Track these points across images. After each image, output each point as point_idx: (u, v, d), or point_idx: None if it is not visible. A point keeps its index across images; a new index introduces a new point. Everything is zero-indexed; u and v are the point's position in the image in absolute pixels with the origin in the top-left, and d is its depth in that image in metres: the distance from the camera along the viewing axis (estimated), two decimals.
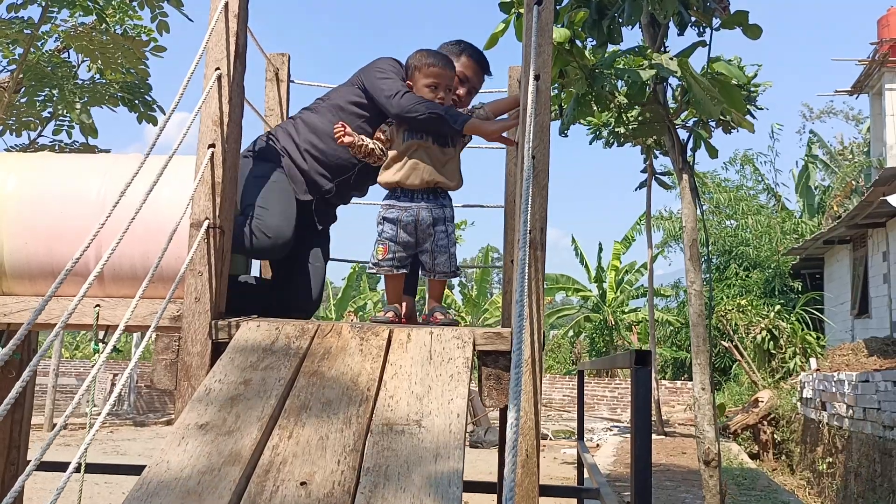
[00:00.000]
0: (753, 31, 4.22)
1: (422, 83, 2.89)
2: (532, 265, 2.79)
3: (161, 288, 2.86)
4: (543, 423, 15.42)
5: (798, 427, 10.76)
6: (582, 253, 21.78)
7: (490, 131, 2.88)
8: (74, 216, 2.96)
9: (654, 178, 11.58)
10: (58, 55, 4.80)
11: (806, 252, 15.51)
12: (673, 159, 4.42)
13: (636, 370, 2.28)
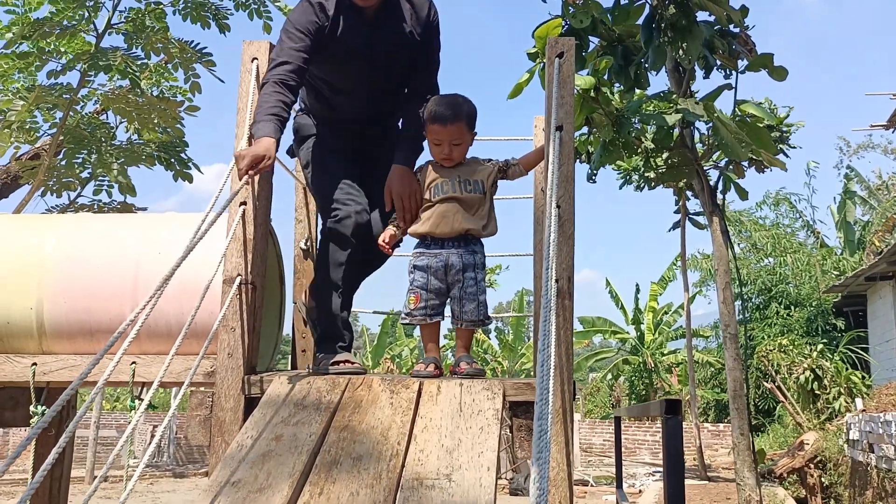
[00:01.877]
0: (779, 72, 4.22)
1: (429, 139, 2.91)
2: (560, 314, 2.79)
3: (195, 344, 2.91)
4: (584, 469, 15.14)
5: (846, 470, 10.42)
6: (617, 295, 21.59)
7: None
8: (111, 276, 3.05)
9: (688, 218, 11.49)
10: (97, 117, 5.00)
11: (847, 289, 15.19)
12: (703, 202, 4.41)
13: (667, 420, 2.26)
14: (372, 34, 2.74)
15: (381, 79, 2.82)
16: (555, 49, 2.77)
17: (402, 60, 2.82)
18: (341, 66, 2.78)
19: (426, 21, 2.79)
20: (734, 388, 4.16)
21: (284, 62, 2.65)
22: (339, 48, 2.73)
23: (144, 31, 4.48)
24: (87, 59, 4.23)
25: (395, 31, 2.76)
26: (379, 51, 2.75)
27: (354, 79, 2.80)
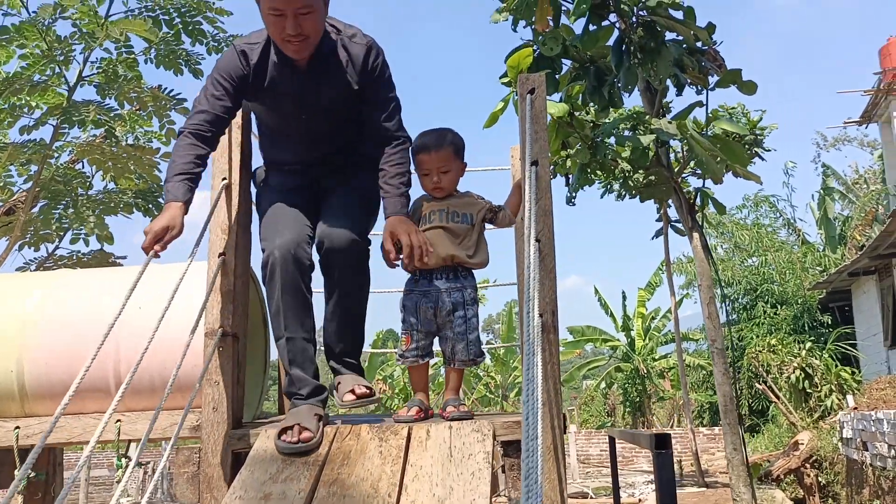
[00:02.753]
0: (748, 87, 4.26)
1: (418, 171, 2.88)
2: (546, 349, 2.78)
3: (179, 398, 2.88)
4: (583, 481, 15.12)
5: (842, 468, 10.46)
6: (606, 302, 21.63)
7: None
8: (92, 334, 3.01)
9: (670, 225, 11.54)
10: (72, 167, 4.96)
11: (832, 285, 15.31)
12: (682, 219, 4.43)
13: (658, 455, 2.25)
14: (305, 84, 2.60)
15: (322, 125, 2.70)
16: (526, 85, 2.78)
17: (343, 109, 2.69)
18: (277, 113, 2.69)
19: (365, 69, 2.62)
20: (724, 403, 4.17)
21: (202, 111, 2.58)
22: (269, 96, 2.63)
23: (117, 80, 4.47)
24: (59, 113, 4.21)
25: (331, 83, 2.61)
26: (313, 100, 2.62)
27: (293, 125, 2.70)
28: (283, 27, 2.39)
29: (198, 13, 4.63)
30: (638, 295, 20.96)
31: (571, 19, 4.16)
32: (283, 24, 2.38)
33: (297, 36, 2.41)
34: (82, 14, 4.27)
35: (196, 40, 4.78)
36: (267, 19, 2.43)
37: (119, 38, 4.29)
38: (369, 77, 2.61)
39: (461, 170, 2.93)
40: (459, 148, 2.91)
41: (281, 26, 2.39)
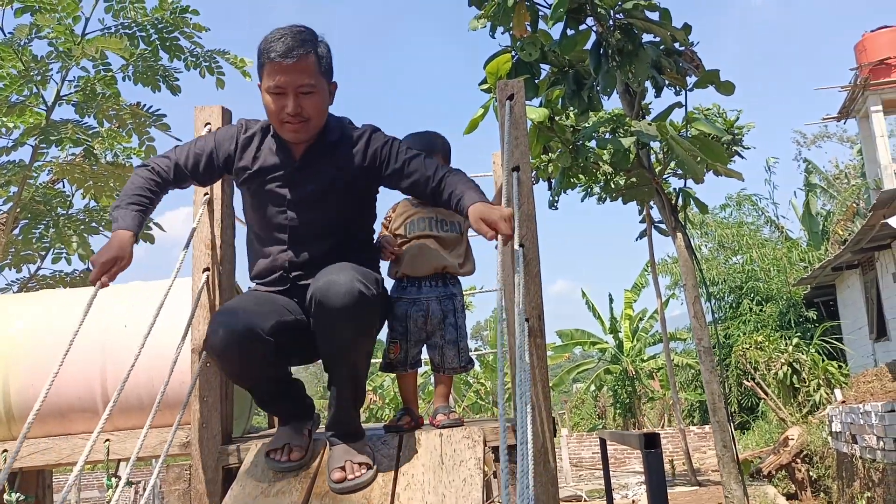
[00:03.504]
0: (726, 87, 4.30)
1: None
2: (533, 353, 2.79)
3: (168, 415, 2.87)
4: (576, 484, 15.12)
5: (832, 462, 10.52)
6: (593, 305, 21.69)
7: None
8: (78, 354, 2.99)
9: (654, 226, 11.61)
10: (52, 187, 4.94)
11: (816, 280, 15.43)
12: (665, 219, 4.46)
13: (647, 454, 2.26)
14: (297, 173, 2.39)
15: (313, 220, 2.41)
16: (505, 91, 2.80)
17: (336, 202, 2.42)
18: (264, 202, 2.42)
19: (369, 147, 2.42)
20: (713, 401, 4.20)
21: (172, 157, 2.46)
22: (258, 182, 2.42)
23: (95, 99, 4.45)
24: (38, 133, 4.19)
25: (327, 171, 2.39)
26: (304, 192, 2.39)
27: (280, 219, 2.41)
28: (282, 106, 2.27)
29: (175, 29, 4.61)
30: (625, 297, 21.03)
31: (549, 24, 4.19)
32: (284, 103, 2.26)
33: (297, 116, 2.28)
34: (58, 33, 4.26)
35: (174, 56, 4.76)
36: (266, 98, 2.30)
37: (95, 56, 4.27)
38: (379, 152, 2.41)
39: None
40: (448, 154, 2.93)
41: (281, 105, 2.27)
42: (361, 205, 2.49)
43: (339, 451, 2.30)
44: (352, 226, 2.49)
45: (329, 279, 2.14)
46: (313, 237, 2.42)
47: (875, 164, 14.91)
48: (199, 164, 2.46)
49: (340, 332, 2.17)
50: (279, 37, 2.25)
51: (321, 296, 2.13)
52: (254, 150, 2.43)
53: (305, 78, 2.25)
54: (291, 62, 2.22)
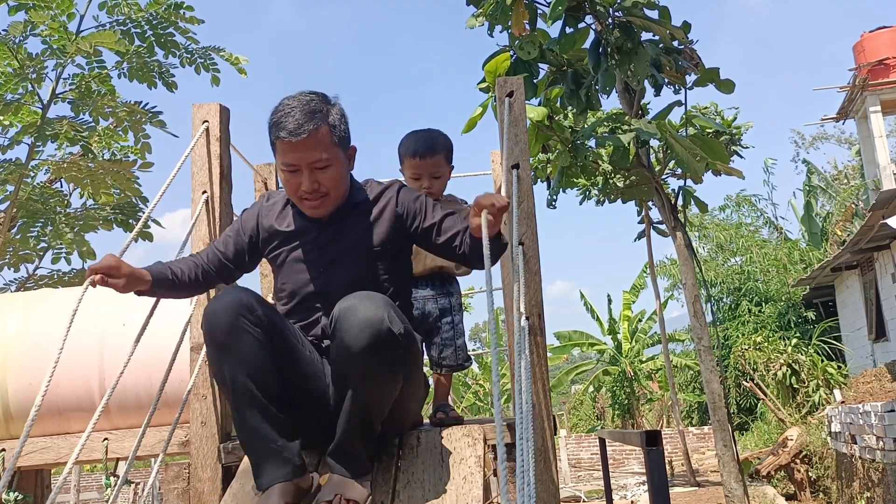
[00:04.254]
0: (726, 85, 4.30)
1: (407, 174, 2.86)
2: (533, 351, 2.79)
3: (167, 414, 2.86)
4: (575, 485, 15.10)
5: (831, 462, 10.51)
6: (592, 306, 21.68)
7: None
8: (76, 353, 2.98)
9: (653, 227, 11.60)
10: (49, 186, 4.93)
11: (815, 281, 15.43)
12: (664, 219, 4.45)
13: (649, 452, 2.25)
14: (325, 237, 2.27)
15: (346, 282, 2.21)
16: (504, 89, 2.79)
17: (368, 260, 2.28)
18: (294, 270, 2.29)
19: (398, 202, 2.30)
20: (713, 400, 4.19)
21: (212, 247, 2.39)
22: (286, 251, 2.30)
23: (91, 96, 4.43)
24: (33, 131, 4.17)
25: (357, 232, 2.27)
26: (334, 253, 2.27)
27: (310, 285, 2.27)
28: (298, 184, 2.14)
29: (169, 24, 4.58)
30: (623, 298, 21.02)
31: (548, 22, 4.17)
32: (299, 181, 2.14)
33: (314, 193, 2.15)
34: (52, 30, 4.24)
35: (169, 52, 4.74)
36: (281, 176, 2.19)
37: (90, 52, 4.25)
38: (408, 207, 2.29)
39: (450, 174, 2.94)
40: (450, 152, 2.92)
41: (296, 183, 2.14)
42: (394, 263, 2.31)
43: (334, 481, 2.06)
44: (386, 285, 2.28)
45: (354, 302, 1.98)
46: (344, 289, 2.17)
47: (874, 164, 14.92)
48: (228, 244, 2.35)
49: (353, 358, 1.96)
50: (288, 111, 2.10)
51: (341, 312, 1.98)
52: (279, 218, 2.30)
53: (319, 153, 2.11)
54: (302, 139, 2.07)
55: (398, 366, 2.05)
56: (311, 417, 2.19)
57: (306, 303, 2.25)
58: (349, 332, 1.93)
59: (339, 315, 1.97)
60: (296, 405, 2.14)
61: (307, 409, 2.18)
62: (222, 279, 2.39)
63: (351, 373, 1.98)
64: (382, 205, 2.29)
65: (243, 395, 2.02)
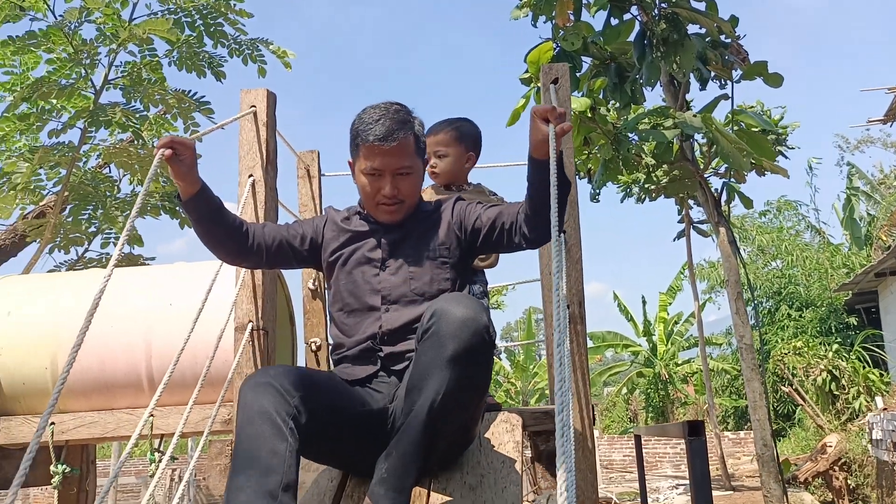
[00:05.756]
0: (774, 79, 4.24)
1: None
2: (574, 340, 2.79)
3: (211, 392, 2.91)
4: (606, 486, 15.00)
5: (871, 470, 10.30)
6: (626, 308, 21.51)
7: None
8: (124, 331, 3.05)
9: (692, 227, 11.46)
10: (100, 171, 5.05)
11: (858, 286, 15.11)
12: (708, 213, 4.41)
13: (691, 442, 2.24)
14: (388, 238, 2.28)
15: (408, 285, 2.23)
16: (549, 76, 2.79)
17: (430, 266, 2.26)
18: (353, 275, 2.27)
19: (453, 211, 2.32)
20: (753, 398, 4.14)
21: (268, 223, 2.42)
22: (348, 252, 2.30)
23: (142, 84, 4.53)
24: (86, 116, 4.28)
25: (420, 238, 2.28)
26: (397, 254, 2.26)
27: (372, 287, 2.24)
28: (378, 188, 2.19)
29: (219, 15, 4.67)
30: (659, 299, 20.81)
31: (592, 13, 4.16)
32: (380, 185, 2.19)
33: (393, 198, 2.21)
34: (106, 17, 4.35)
35: (217, 42, 4.82)
36: (361, 179, 2.22)
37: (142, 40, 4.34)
38: (462, 212, 2.30)
39: (465, 158, 2.89)
40: (465, 135, 2.88)
41: (377, 187, 2.20)
42: (454, 271, 2.28)
43: None
44: (447, 291, 2.24)
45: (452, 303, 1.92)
46: (407, 302, 2.22)
47: None
48: (295, 225, 2.37)
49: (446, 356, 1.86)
50: (377, 118, 2.16)
51: (437, 311, 1.90)
52: (343, 224, 2.33)
53: (404, 160, 2.18)
54: (392, 146, 2.14)
55: (486, 371, 1.98)
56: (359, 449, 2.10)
57: (365, 302, 2.23)
58: (447, 327, 1.86)
59: (436, 313, 1.90)
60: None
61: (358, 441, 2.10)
62: (265, 253, 2.30)
63: (437, 374, 1.87)
64: (441, 213, 2.33)
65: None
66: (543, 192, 1.93)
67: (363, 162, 2.19)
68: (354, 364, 2.21)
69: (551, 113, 1.92)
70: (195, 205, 2.16)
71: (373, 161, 2.17)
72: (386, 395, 2.12)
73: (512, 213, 2.22)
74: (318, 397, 1.93)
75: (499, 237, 2.24)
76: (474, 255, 2.36)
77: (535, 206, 2.08)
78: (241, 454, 1.79)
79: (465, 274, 2.35)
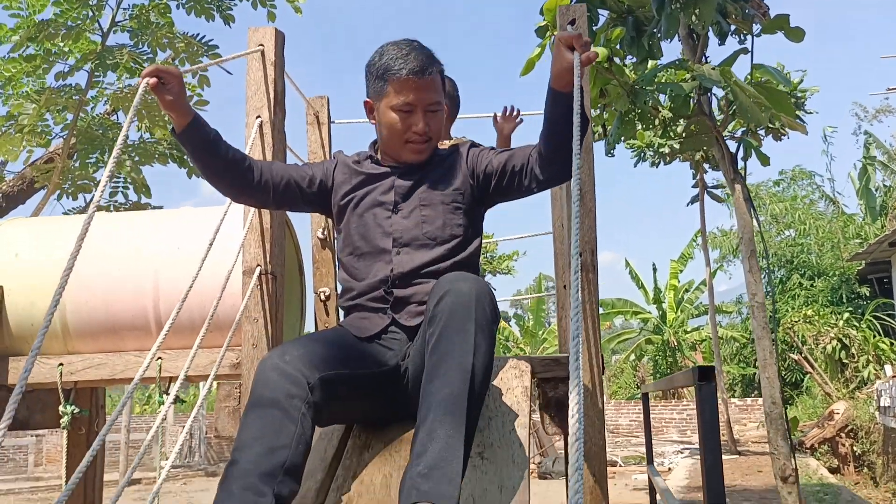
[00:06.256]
0: (796, 33, 4.13)
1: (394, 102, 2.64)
2: (585, 288, 2.75)
3: (219, 336, 2.90)
4: (612, 450, 15.10)
5: (878, 437, 10.32)
6: (637, 275, 21.47)
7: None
8: (131, 274, 3.04)
9: (706, 192, 11.38)
10: (107, 118, 5.01)
11: (871, 256, 15.00)
12: (724, 170, 4.33)
13: (700, 387, 2.21)
14: (401, 180, 2.22)
15: (420, 227, 2.16)
16: (566, 17, 2.73)
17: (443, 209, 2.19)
18: (364, 218, 2.21)
19: (468, 154, 2.26)
20: (763, 357, 4.10)
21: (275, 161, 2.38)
22: (360, 194, 2.23)
23: (149, 27, 4.47)
24: (94, 58, 4.23)
25: (434, 177, 2.23)
26: (410, 195, 2.21)
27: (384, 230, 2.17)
28: (410, 125, 2.12)
29: None
30: (670, 267, 20.77)
31: None
32: (412, 122, 2.12)
33: (423, 135, 2.15)
34: None
35: None
36: (390, 116, 2.12)
37: None
38: (476, 156, 2.24)
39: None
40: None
41: (408, 124, 2.12)
42: (467, 218, 2.22)
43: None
44: (457, 243, 2.19)
45: (457, 275, 1.89)
46: (419, 245, 2.16)
47: None
48: (304, 167, 2.31)
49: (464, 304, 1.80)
50: (407, 52, 2.10)
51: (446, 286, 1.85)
52: (355, 167, 2.26)
53: (435, 95, 2.13)
54: (427, 79, 2.09)
55: (493, 327, 1.87)
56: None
57: (376, 245, 2.17)
58: (455, 287, 1.82)
59: (447, 291, 1.84)
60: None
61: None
62: (273, 190, 2.21)
63: (463, 345, 1.78)
64: (456, 158, 2.26)
65: None
66: (564, 126, 1.85)
67: (394, 98, 2.11)
68: (364, 311, 2.14)
69: (577, 40, 1.84)
70: (188, 136, 2.07)
71: (406, 96, 2.10)
72: (397, 353, 2.07)
73: (523, 156, 2.16)
74: (334, 376, 1.86)
75: (510, 181, 2.19)
76: (487, 202, 2.29)
77: (556, 142, 2.00)
78: (246, 433, 1.70)
79: (477, 222, 2.29)
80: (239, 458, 1.65)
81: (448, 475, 1.62)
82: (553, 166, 2.06)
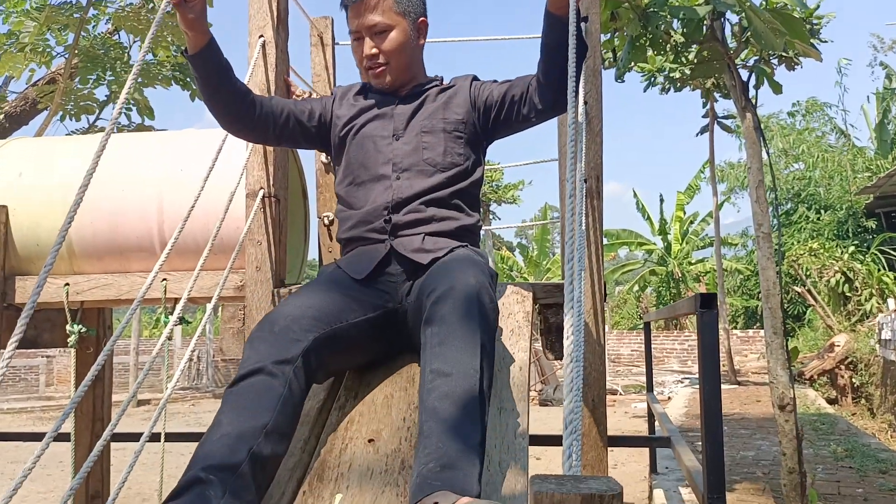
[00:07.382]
0: None
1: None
2: (589, 214, 2.74)
3: (224, 259, 2.91)
4: (612, 379, 15.34)
5: (877, 370, 10.44)
6: (644, 206, 21.40)
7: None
8: (136, 195, 3.04)
9: (717, 121, 11.23)
10: (109, 37, 4.92)
11: (880, 189, 14.89)
12: (735, 99, 4.26)
13: (702, 314, 2.22)
14: (401, 108, 2.19)
15: (420, 154, 2.13)
16: None
17: (444, 137, 2.16)
18: (363, 145, 2.18)
19: (470, 86, 2.21)
20: (767, 287, 4.11)
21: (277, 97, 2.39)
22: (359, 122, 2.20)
23: None
24: None
25: (432, 106, 2.19)
26: (409, 122, 2.17)
27: (380, 157, 2.15)
28: (361, 52, 2.15)
29: None
30: (677, 198, 20.68)
31: None
32: (362, 48, 2.14)
33: (373, 57, 2.13)
34: None
35: None
36: (351, 48, 2.20)
37: None
38: (478, 88, 2.20)
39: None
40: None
41: (360, 51, 2.16)
42: (467, 148, 2.18)
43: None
44: (458, 171, 2.15)
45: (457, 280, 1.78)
46: (419, 171, 2.11)
47: None
48: (306, 101, 2.27)
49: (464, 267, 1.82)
50: None
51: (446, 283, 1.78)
52: (354, 97, 2.25)
53: (376, 17, 2.09)
54: (360, 3, 2.09)
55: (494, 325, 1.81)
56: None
57: (376, 172, 2.14)
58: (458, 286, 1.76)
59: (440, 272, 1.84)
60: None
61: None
62: (273, 125, 2.19)
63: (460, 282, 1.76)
64: (456, 88, 2.22)
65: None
66: (561, 52, 1.76)
67: (348, 28, 2.15)
68: (362, 243, 2.10)
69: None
70: (203, 60, 2.00)
71: (350, 23, 2.13)
72: (394, 296, 2.03)
73: (522, 85, 2.12)
74: (331, 332, 1.82)
75: (509, 111, 2.15)
76: (489, 135, 2.25)
77: (553, 69, 1.95)
78: (230, 402, 1.64)
79: (479, 154, 2.25)
80: (220, 419, 1.60)
81: (466, 472, 1.46)
82: (550, 94, 2.02)
